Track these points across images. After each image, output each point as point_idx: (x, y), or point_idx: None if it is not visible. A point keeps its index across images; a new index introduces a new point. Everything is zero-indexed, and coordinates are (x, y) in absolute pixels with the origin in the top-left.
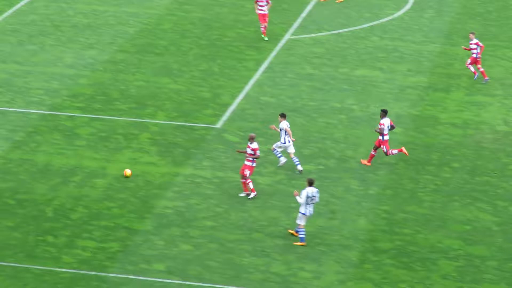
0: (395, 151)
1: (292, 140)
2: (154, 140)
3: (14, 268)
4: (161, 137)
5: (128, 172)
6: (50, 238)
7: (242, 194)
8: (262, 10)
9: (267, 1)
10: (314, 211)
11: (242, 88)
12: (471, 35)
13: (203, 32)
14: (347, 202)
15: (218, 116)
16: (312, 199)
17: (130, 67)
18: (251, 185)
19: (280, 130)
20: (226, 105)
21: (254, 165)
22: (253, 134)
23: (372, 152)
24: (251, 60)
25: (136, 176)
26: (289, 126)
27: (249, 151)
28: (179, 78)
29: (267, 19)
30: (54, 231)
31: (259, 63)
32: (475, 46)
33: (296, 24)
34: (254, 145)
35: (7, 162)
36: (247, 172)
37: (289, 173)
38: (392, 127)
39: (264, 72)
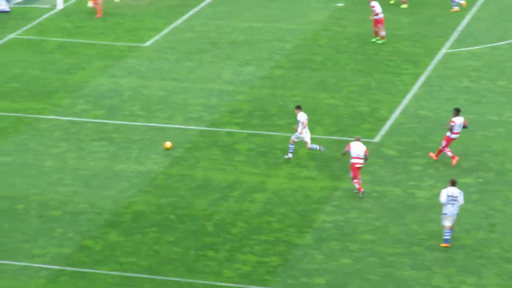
0: (449, 153)
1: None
2: (313, 154)
3: (176, 283)
4: (319, 151)
5: (168, 144)
6: (210, 253)
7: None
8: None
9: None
10: (473, 224)
11: (399, 102)
12: None
13: (359, 47)
14: (507, 215)
15: (376, 131)
16: (454, 199)
17: (287, 82)
18: (356, 185)
19: (298, 122)
20: (384, 120)
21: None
22: (358, 137)
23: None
24: (408, 74)
25: (295, 191)
26: (306, 118)
27: None
28: (336, 93)
29: (379, 25)
30: (214, 245)
31: (416, 77)
32: None
33: (452, 38)
34: (352, 143)
35: (167, 178)
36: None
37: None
38: (464, 126)
39: (421, 86)
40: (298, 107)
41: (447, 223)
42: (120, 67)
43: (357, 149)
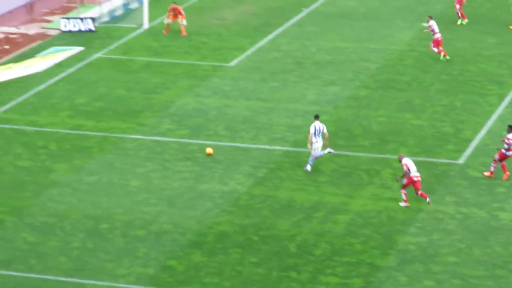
0: (492, 168)
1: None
2: (396, 175)
3: None
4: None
5: (209, 150)
6: (293, 274)
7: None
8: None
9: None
10: None
11: (484, 123)
12: None
13: (444, 67)
14: None
15: (460, 152)
16: None
17: (372, 103)
18: (403, 195)
19: (318, 131)
20: (468, 140)
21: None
22: (401, 155)
23: (500, 164)
24: (493, 94)
25: (379, 212)
26: (317, 128)
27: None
28: (421, 113)
29: (436, 45)
30: (297, 267)
31: (501, 97)
32: None
33: None
34: (404, 160)
35: (251, 198)
36: (404, 181)
37: None
38: None
39: (507, 106)
40: (316, 117)
41: None
42: (205, 87)
43: (412, 165)
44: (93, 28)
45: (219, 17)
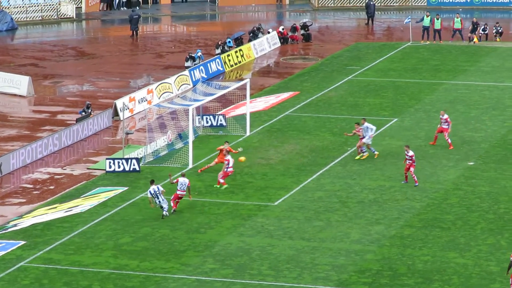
0: None
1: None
2: None
3: None
4: None
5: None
6: None
7: None
8: None
9: None
10: None
11: None
12: None
13: (490, 206)
14: None
15: None
16: None
17: (416, 242)
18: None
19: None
20: None
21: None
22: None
23: None
24: None
25: None
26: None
27: None
28: (466, 252)
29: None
30: None
31: None
32: None
33: None
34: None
35: None
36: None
37: None
38: None
39: None
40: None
41: None
42: (249, 226)
43: (182, 183)
44: (138, 169)
45: (264, 157)
